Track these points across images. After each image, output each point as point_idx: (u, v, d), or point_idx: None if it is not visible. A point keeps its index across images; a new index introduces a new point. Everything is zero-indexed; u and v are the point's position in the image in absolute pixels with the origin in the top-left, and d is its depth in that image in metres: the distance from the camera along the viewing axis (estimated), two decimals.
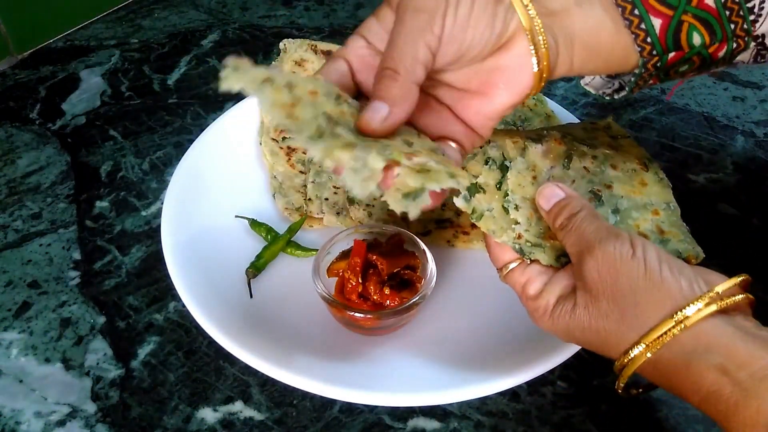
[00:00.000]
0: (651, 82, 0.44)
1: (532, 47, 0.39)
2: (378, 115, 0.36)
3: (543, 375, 0.48)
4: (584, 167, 0.47)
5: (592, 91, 0.48)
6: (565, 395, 0.51)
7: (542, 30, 0.39)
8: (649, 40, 0.41)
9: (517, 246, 0.44)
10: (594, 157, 0.48)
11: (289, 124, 0.33)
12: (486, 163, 0.46)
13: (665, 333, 0.36)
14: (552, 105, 0.72)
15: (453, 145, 0.41)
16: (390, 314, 0.51)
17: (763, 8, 0.40)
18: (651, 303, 0.36)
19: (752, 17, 0.41)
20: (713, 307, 0.35)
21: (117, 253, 0.61)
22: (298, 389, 0.48)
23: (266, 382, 0.51)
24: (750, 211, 0.66)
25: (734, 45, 0.42)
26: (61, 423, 0.49)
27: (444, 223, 0.61)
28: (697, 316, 0.35)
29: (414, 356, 0.52)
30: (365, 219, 0.60)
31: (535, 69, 0.40)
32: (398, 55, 0.37)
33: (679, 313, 0.35)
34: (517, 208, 0.45)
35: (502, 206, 0.45)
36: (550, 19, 0.39)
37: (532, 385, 0.51)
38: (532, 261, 0.44)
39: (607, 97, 0.47)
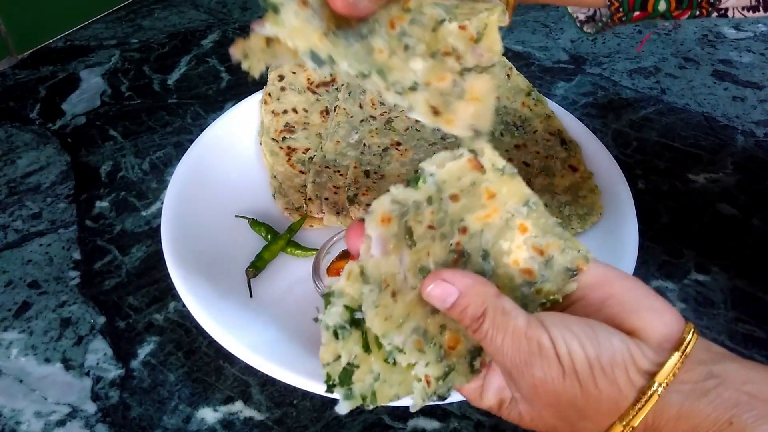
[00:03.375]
0: (617, 26, 0.48)
1: None
2: None
3: None
4: (428, 226, 0.36)
5: (569, 10, 0.50)
6: None
7: None
8: None
9: (434, 398, 0.36)
10: (430, 201, 0.36)
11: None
12: (336, 336, 0.35)
13: None
14: (552, 105, 0.72)
15: None
16: None
17: None
18: (596, 414, 0.34)
19: None
20: (655, 398, 0.33)
21: (117, 253, 0.61)
22: (298, 389, 0.48)
23: (266, 382, 0.51)
24: (750, 211, 0.66)
25: (697, 12, 0.45)
26: (61, 423, 0.49)
27: None
28: (642, 415, 0.33)
29: None
30: None
31: None
32: None
33: (625, 419, 0.33)
34: (400, 350, 0.35)
35: (385, 361, 0.36)
36: None
37: None
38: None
39: (578, 24, 0.50)
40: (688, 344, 0.33)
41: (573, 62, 0.85)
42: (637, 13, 0.46)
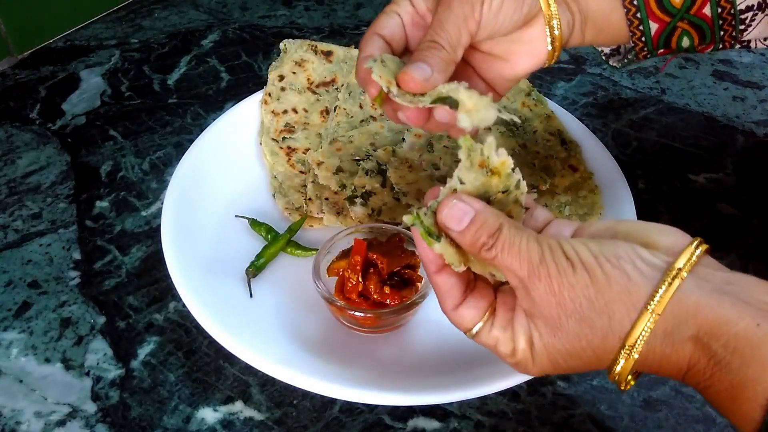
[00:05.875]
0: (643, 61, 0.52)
1: (547, 30, 0.46)
2: (421, 73, 0.41)
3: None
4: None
5: (594, 45, 0.53)
6: (565, 395, 0.51)
7: (558, 15, 0.45)
8: (643, 39, 0.48)
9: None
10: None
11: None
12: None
13: (644, 330, 0.34)
14: (552, 105, 0.72)
15: None
16: (390, 313, 0.51)
17: (754, 20, 0.45)
18: (609, 306, 0.35)
19: (742, 27, 0.46)
20: (677, 283, 0.34)
21: (117, 253, 0.61)
22: (298, 389, 0.48)
23: (266, 382, 0.51)
24: (750, 211, 0.66)
25: (720, 46, 0.48)
26: (61, 423, 0.49)
27: None
28: (666, 299, 0.34)
29: (414, 356, 0.52)
30: (365, 219, 0.60)
31: (549, 48, 0.47)
32: (445, 34, 0.43)
33: (651, 303, 0.34)
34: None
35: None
36: (569, 1, 0.46)
37: (532, 385, 0.51)
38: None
39: (603, 57, 0.53)
40: (699, 245, 0.36)
41: (573, 62, 0.85)
42: (661, 50, 0.49)
